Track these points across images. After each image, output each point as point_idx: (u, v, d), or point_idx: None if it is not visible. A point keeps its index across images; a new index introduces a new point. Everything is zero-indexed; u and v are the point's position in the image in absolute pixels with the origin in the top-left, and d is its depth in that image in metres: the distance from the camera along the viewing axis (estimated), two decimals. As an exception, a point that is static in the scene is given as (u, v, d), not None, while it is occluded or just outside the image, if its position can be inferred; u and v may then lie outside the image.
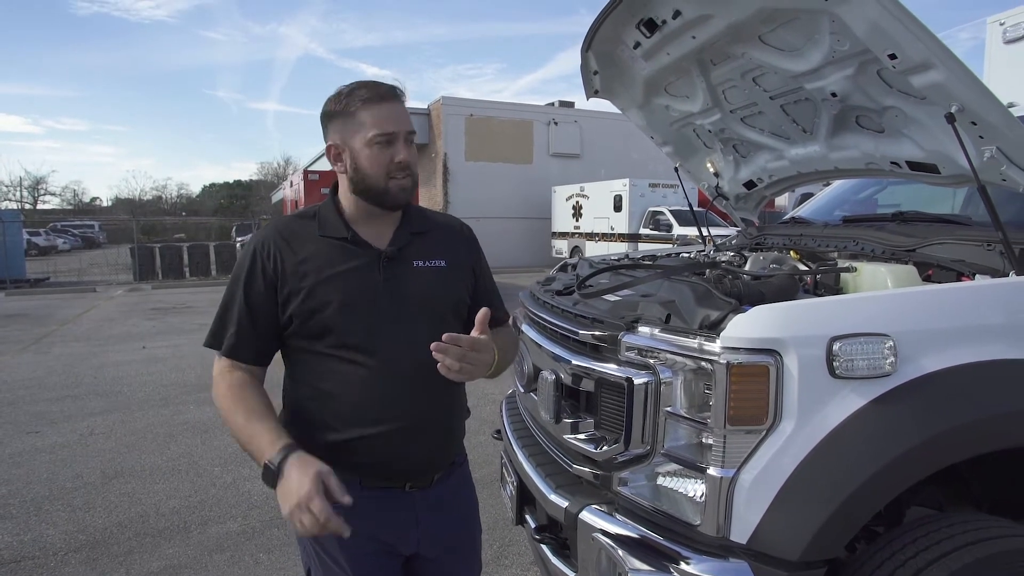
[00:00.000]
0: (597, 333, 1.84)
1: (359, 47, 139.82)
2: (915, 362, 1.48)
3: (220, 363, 1.46)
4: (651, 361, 1.66)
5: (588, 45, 2.69)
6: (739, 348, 1.49)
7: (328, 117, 1.47)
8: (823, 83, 2.06)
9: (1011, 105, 2.51)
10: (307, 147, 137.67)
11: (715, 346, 1.52)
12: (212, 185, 70.22)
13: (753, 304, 1.64)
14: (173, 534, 3.45)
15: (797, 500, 1.44)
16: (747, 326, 1.50)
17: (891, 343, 1.46)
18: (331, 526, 1.21)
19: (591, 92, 3.04)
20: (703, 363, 1.54)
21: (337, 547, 1.44)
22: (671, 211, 17.73)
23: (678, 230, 16.91)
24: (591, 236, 20.10)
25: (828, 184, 3.50)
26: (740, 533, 1.49)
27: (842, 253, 2.27)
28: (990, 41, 4.19)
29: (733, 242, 3.28)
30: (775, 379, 1.46)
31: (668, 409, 1.62)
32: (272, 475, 1.27)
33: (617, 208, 19.06)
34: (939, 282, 1.88)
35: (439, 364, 1.32)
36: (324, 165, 29.59)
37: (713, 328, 1.59)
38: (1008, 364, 1.51)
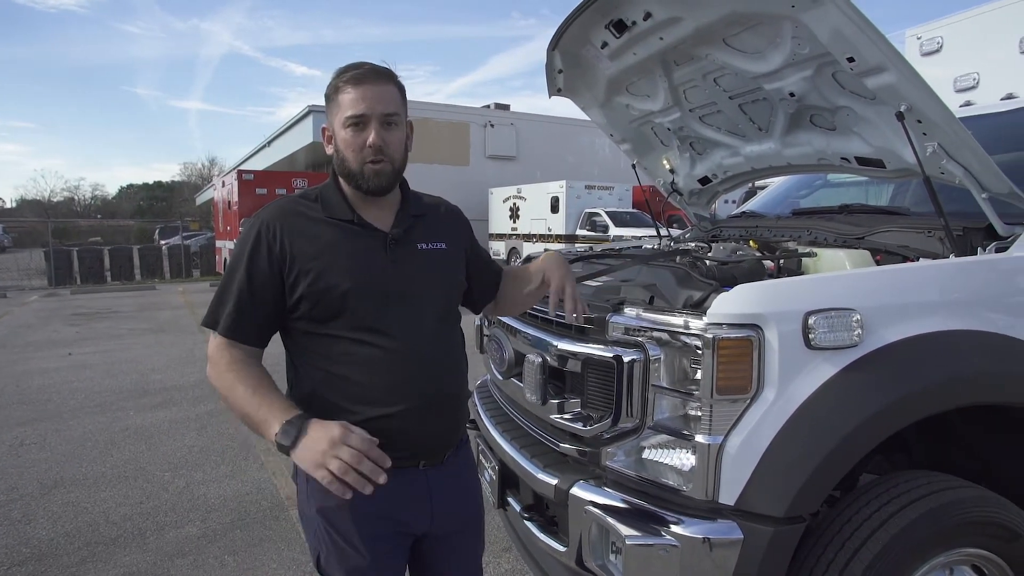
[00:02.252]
0: (585, 315, 1.93)
1: (287, 46, 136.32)
2: (877, 333, 1.64)
3: (216, 341, 1.44)
4: (640, 339, 1.76)
5: (555, 44, 2.77)
6: (724, 323, 1.61)
7: (326, 101, 1.48)
8: (782, 84, 2.22)
9: (1010, 96, 2.74)
10: (234, 147, 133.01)
11: (701, 323, 1.63)
12: (130, 186, 67.00)
13: (727, 286, 1.77)
14: (128, 541, 3.32)
15: (780, 461, 1.56)
16: (731, 303, 1.62)
17: (858, 316, 1.62)
18: (374, 453, 1.26)
19: (554, 90, 3.13)
20: (690, 339, 1.66)
21: (353, 528, 1.44)
22: (607, 212, 18.16)
23: (614, 231, 17.33)
24: (528, 237, 20.31)
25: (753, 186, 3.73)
26: (728, 495, 1.60)
27: (797, 241, 2.45)
28: (909, 53, 4.57)
29: (687, 236, 3.45)
30: (757, 351, 1.59)
31: (656, 384, 1.73)
32: (293, 435, 1.28)
33: (554, 209, 19.34)
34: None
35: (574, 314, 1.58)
36: (257, 164, 28.73)
37: (697, 307, 1.71)
38: (956, 334, 1.70)
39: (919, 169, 2.00)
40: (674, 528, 1.63)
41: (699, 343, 1.63)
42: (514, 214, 21.24)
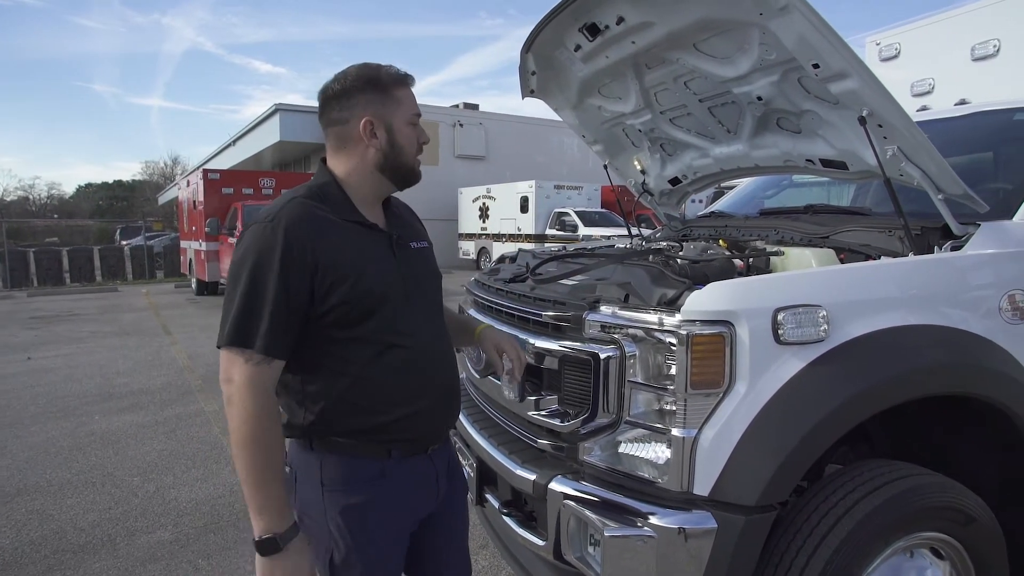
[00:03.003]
0: (561, 314, 1.97)
1: (251, 43, 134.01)
2: (842, 328, 1.71)
3: (247, 366, 1.29)
4: (616, 336, 1.81)
5: (528, 46, 2.81)
6: (697, 320, 1.66)
7: (354, 93, 1.44)
8: (750, 88, 2.29)
9: (963, 101, 2.85)
10: (198, 146, 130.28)
11: (676, 320, 1.68)
12: (89, 185, 65.16)
13: (699, 284, 1.83)
14: (98, 548, 3.27)
15: (752, 453, 1.62)
16: (704, 301, 1.68)
17: (824, 312, 1.69)
18: None
19: (527, 92, 3.17)
20: (665, 335, 1.71)
21: (380, 523, 1.47)
22: (576, 212, 18.30)
23: (583, 230, 17.48)
24: (498, 237, 20.36)
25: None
26: (702, 486, 1.66)
27: (765, 241, 2.53)
28: (868, 59, 4.72)
29: (658, 235, 3.52)
30: (729, 346, 1.65)
31: (632, 379, 1.77)
32: (274, 546, 1.31)
33: (523, 209, 19.42)
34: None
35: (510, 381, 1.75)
36: (222, 163, 28.21)
37: (671, 304, 1.76)
38: (915, 328, 1.78)
39: (880, 171, 2.08)
40: (651, 519, 1.68)
41: (673, 339, 1.68)
42: (484, 214, 21.27)
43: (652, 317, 1.75)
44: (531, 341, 2.06)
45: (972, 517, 1.82)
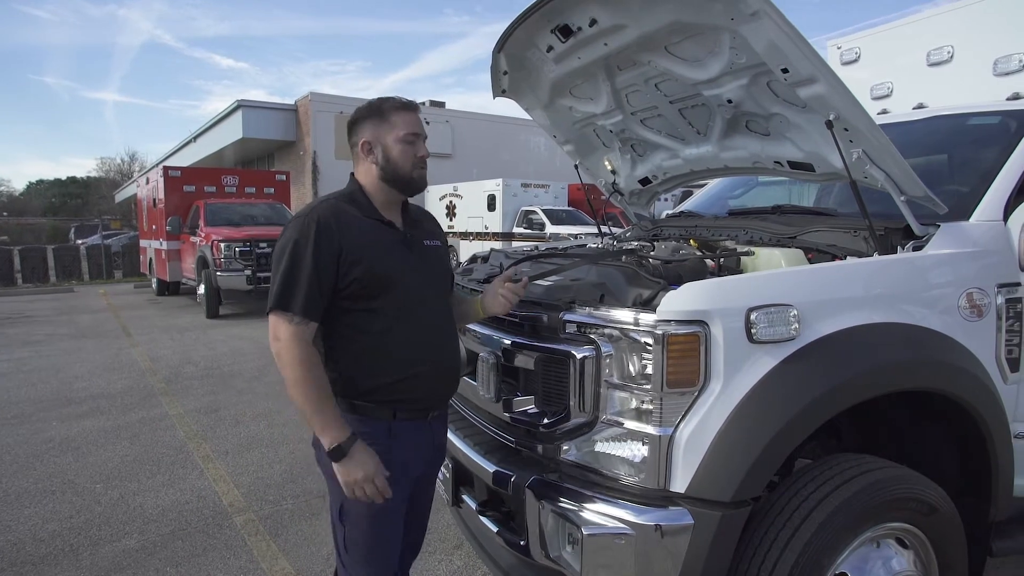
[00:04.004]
0: (536, 314, 1.98)
1: (211, 36, 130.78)
2: (812, 327, 1.76)
3: (290, 326, 1.66)
4: (592, 336, 1.83)
5: (501, 47, 2.82)
6: (673, 320, 1.69)
7: (361, 120, 1.83)
8: (720, 91, 2.33)
9: (921, 105, 2.92)
10: (156, 142, 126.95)
11: (652, 319, 1.71)
12: (40, 182, 63.00)
13: (674, 284, 1.86)
14: (59, 559, 3.16)
15: (727, 450, 1.66)
16: (679, 301, 1.70)
17: (795, 311, 1.73)
18: (380, 498, 1.72)
19: (498, 92, 3.17)
20: (640, 335, 1.73)
21: (388, 480, 1.74)
22: (543, 210, 18.35)
23: (551, 228, 17.54)
24: (466, 235, 20.30)
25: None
26: (679, 483, 1.69)
27: (735, 240, 2.58)
28: (830, 61, 4.83)
29: (628, 234, 3.56)
30: (704, 346, 1.68)
31: (608, 379, 1.80)
32: (341, 452, 1.66)
33: (491, 207, 19.39)
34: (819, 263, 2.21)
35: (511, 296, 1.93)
36: (182, 160, 27.52)
37: (646, 304, 1.79)
38: (880, 326, 1.84)
39: (846, 173, 2.14)
40: (628, 517, 1.71)
41: (649, 339, 1.71)
42: (451, 212, 21.18)
43: (628, 317, 1.77)
44: (508, 341, 2.06)
45: (935, 507, 1.89)
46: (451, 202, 21.14)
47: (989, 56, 3.84)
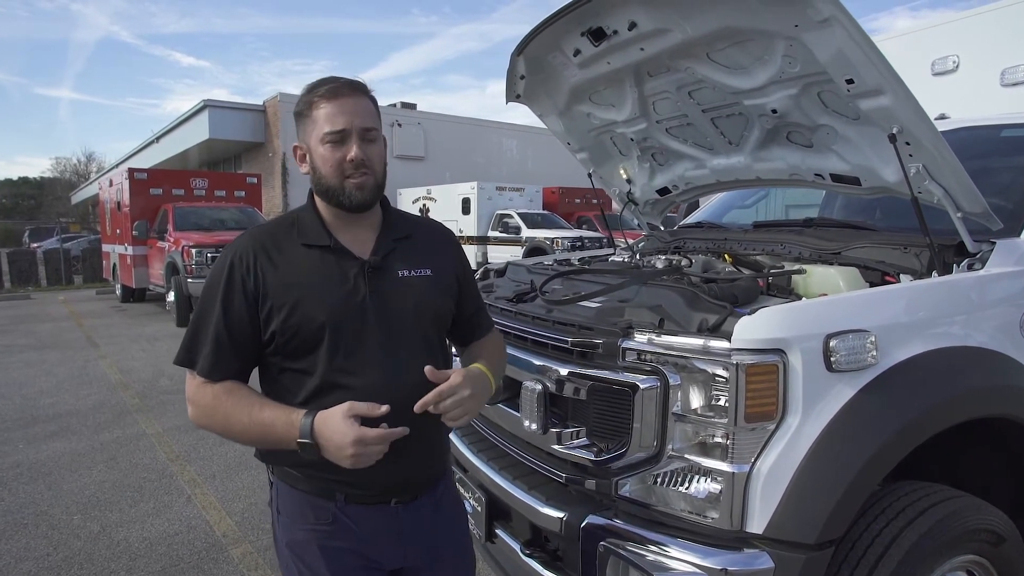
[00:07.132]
0: (590, 340, 1.84)
1: (172, 33, 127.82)
2: (889, 354, 1.66)
3: (195, 381, 1.39)
4: (656, 366, 1.70)
5: (521, 49, 2.68)
6: (749, 349, 1.57)
7: (296, 118, 1.43)
8: (764, 100, 2.23)
9: (942, 116, 2.87)
10: (114, 142, 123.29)
11: (725, 347, 1.58)
12: (-10, 183, 60.37)
13: (740, 308, 1.74)
14: (39, 600, 2.91)
15: (810, 487, 1.54)
16: (755, 328, 1.58)
17: (872, 337, 1.63)
18: (389, 437, 1.28)
19: (512, 96, 3.04)
20: (710, 365, 1.61)
21: (322, 563, 1.42)
22: (519, 214, 18.23)
23: (526, 232, 17.44)
24: (441, 239, 20.08)
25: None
26: (756, 524, 1.57)
27: (771, 256, 2.47)
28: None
29: (643, 245, 3.44)
30: (782, 376, 1.56)
31: (676, 411, 1.67)
32: (313, 449, 1.28)
33: (465, 211, 19.20)
34: (868, 281, 2.11)
35: (443, 418, 1.36)
36: (144, 162, 26.67)
37: (714, 331, 1.67)
38: (956, 351, 1.75)
39: (898, 188, 2.05)
40: (701, 561, 1.58)
41: (722, 369, 1.59)
42: (424, 215, 20.93)
43: (696, 344, 1.65)
44: (559, 370, 1.92)
45: (1003, 537, 1.81)
46: (424, 205, 20.88)
47: (996, 66, 3.84)
